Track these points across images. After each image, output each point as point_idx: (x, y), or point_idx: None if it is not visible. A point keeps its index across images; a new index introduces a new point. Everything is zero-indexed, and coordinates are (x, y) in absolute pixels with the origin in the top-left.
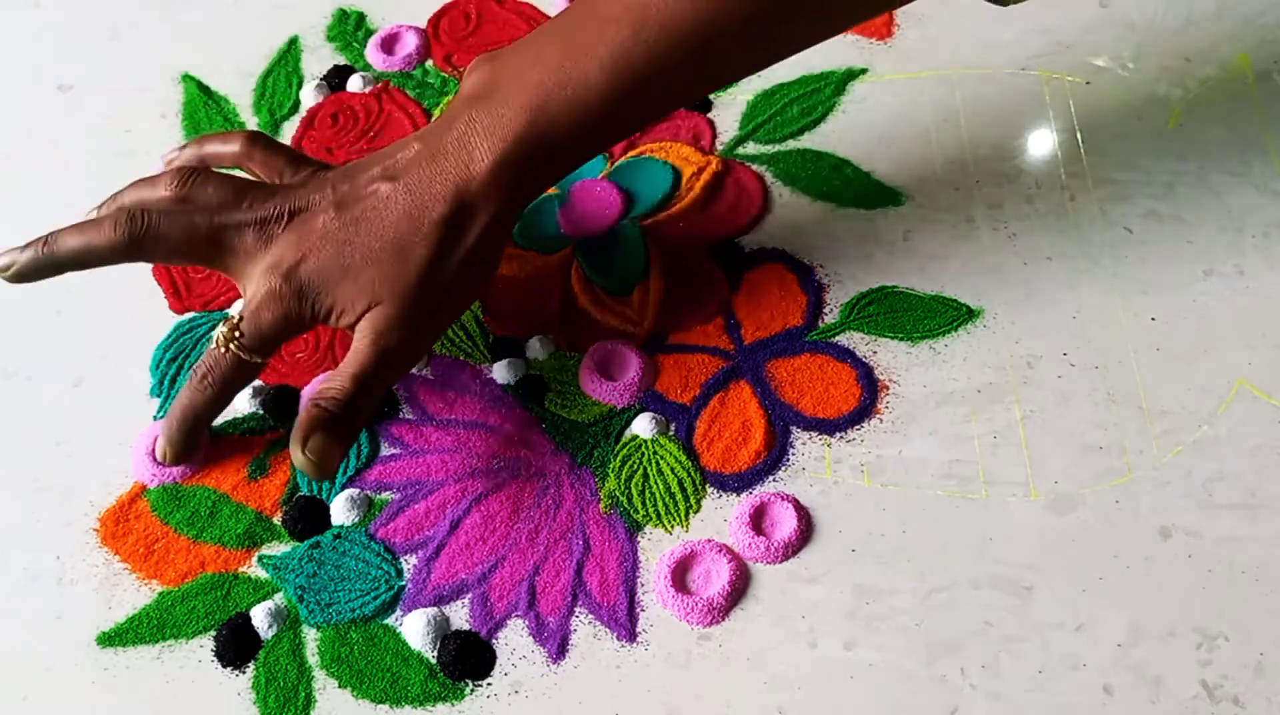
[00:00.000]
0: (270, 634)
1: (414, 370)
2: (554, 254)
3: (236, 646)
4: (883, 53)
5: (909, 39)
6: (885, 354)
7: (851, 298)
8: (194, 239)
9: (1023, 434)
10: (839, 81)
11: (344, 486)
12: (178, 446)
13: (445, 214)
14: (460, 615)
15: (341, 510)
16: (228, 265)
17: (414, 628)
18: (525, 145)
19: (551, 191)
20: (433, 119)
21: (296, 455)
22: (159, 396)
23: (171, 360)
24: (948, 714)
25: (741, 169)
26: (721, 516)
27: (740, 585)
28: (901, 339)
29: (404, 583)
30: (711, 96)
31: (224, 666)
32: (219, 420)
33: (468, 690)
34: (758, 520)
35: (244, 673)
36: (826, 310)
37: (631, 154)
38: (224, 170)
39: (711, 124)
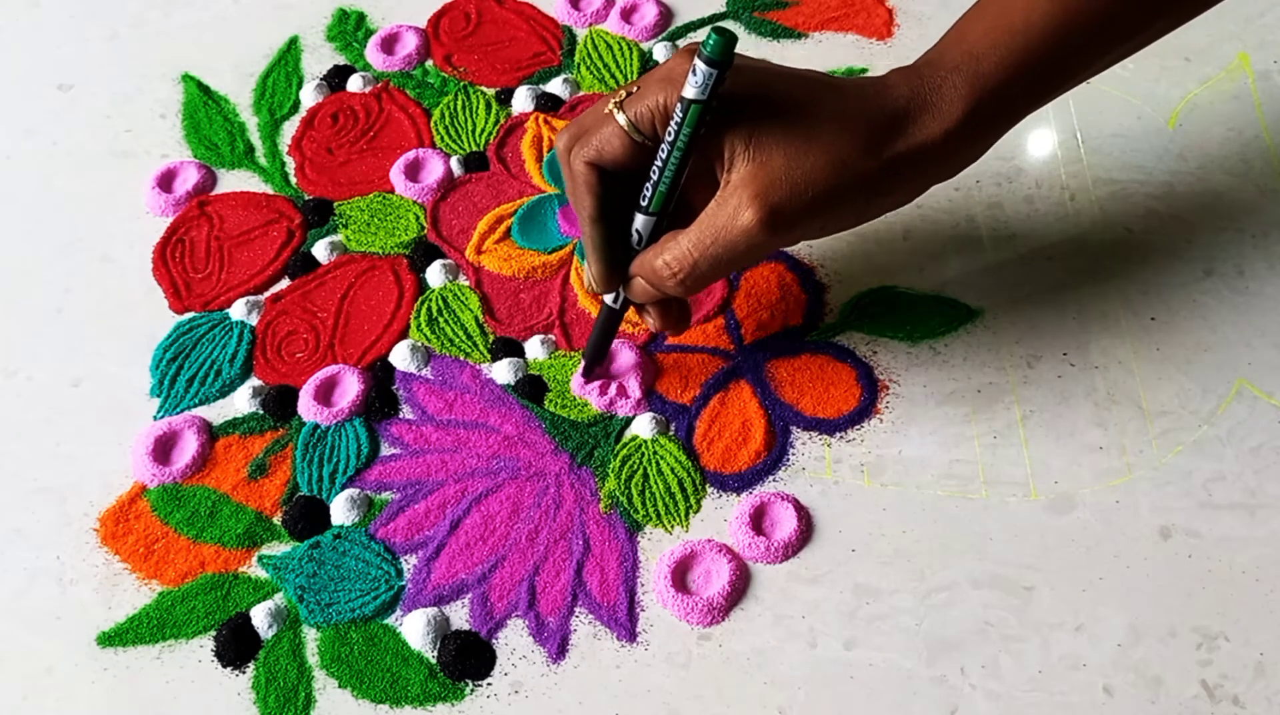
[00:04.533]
0: (270, 634)
1: (414, 370)
2: (554, 254)
3: (236, 646)
4: (883, 53)
5: (909, 39)
6: (885, 354)
7: (851, 298)
8: None
9: (1023, 434)
10: None
11: (344, 486)
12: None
13: None
14: (460, 615)
15: (341, 510)
16: None
17: (414, 628)
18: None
19: (551, 191)
20: None
21: None
22: (159, 396)
23: (171, 360)
24: (948, 714)
25: None
26: (721, 516)
27: (740, 585)
28: (901, 339)
29: (404, 583)
30: None
31: (224, 666)
32: (219, 420)
33: (468, 690)
34: (758, 520)
35: (244, 673)
36: (826, 310)
37: None
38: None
39: None
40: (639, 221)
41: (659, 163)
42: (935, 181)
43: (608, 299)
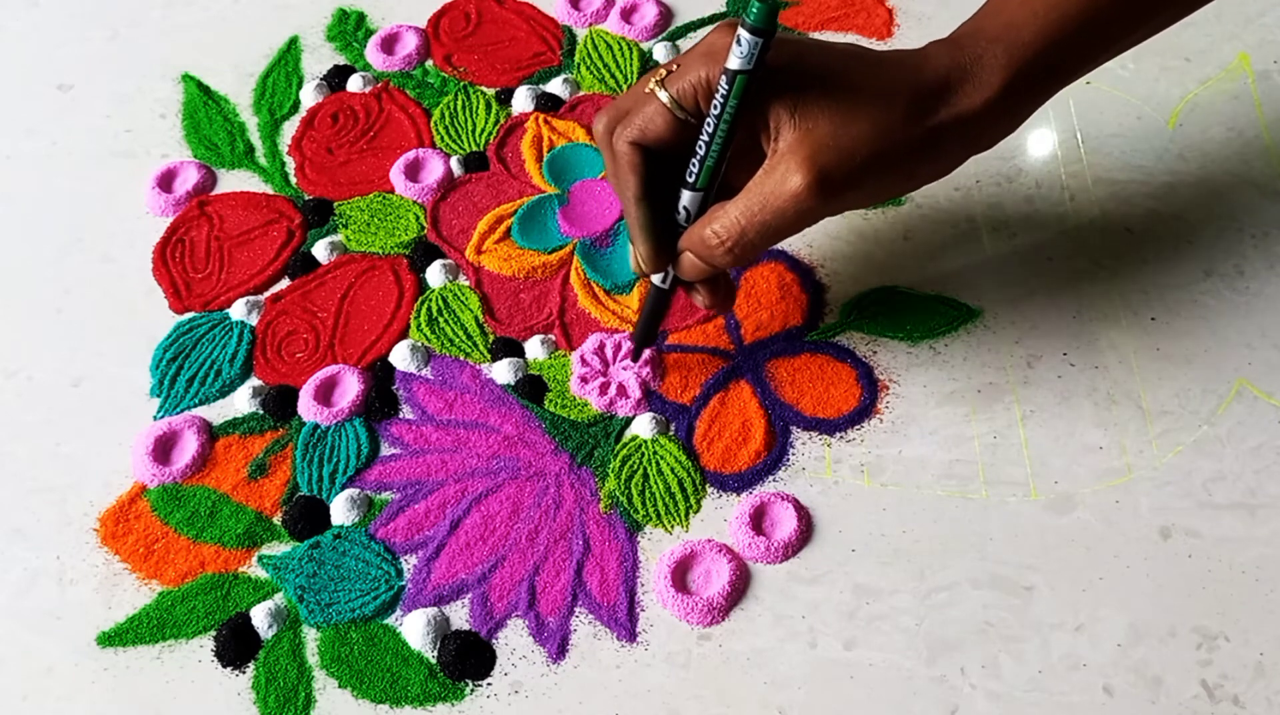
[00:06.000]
0: (270, 634)
1: (414, 370)
2: (554, 254)
3: (236, 646)
4: None
5: (909, 39)
6: (885, 354)
7: (851, 298)
8: None
9: (1023, 434)
10: None
11: (344, 486)
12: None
13: None
14: (460, 615)
15: (341, 510)
16: None
17: (414, 628)
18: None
19: (551, 191)
20: None
21: None
22: (159, 396)
23: (171, 360)
24: (948, 714)
25: None
26: (721, 516)
27: (740, 585)
28: (901, 339)
29: (404, 583)
30: None
31: (224, 666)
32: (219, 420)
33: (468, 690)
34: (758, 520)
35: (244, 673)
36: (826, 310)
37: None
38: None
39: None
40: (686, 198)
41: (705, 137)
42: (975, 151)
43: (656, 279)
